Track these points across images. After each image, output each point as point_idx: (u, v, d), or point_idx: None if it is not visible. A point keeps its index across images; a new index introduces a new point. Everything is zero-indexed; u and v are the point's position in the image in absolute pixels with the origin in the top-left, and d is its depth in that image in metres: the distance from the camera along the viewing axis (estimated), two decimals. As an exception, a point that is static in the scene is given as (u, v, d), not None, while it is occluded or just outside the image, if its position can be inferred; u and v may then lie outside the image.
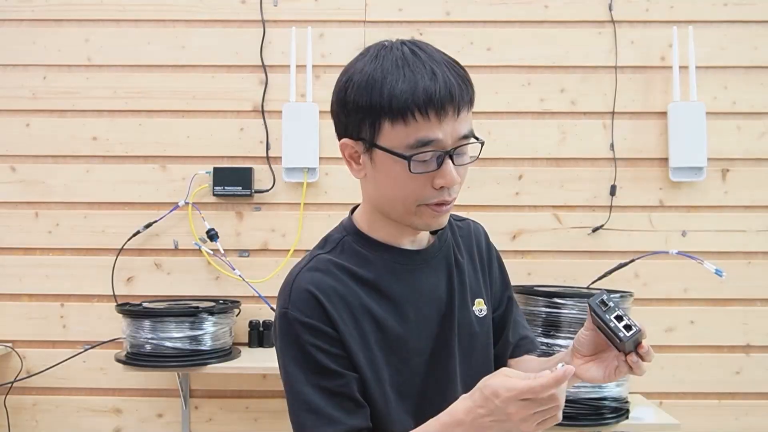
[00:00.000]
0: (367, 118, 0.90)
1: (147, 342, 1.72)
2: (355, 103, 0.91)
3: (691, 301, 1.94)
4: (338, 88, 0.95)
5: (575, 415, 1.61)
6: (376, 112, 0.89)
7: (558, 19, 1.98)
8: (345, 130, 0.94)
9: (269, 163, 1.96)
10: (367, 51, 0.95)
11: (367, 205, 0.99)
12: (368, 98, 0.89)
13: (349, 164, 0.95)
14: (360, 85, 0.91)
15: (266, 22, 1.98)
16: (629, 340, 0.86)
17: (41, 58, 2.00)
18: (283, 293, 0.96)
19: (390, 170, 0.91)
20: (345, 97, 0.93)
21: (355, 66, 0.94)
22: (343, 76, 0.95)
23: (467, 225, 1.11)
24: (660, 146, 1.95)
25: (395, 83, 0.88)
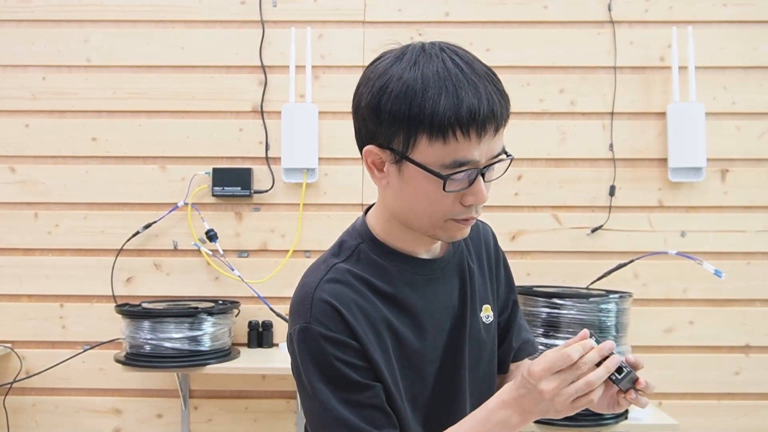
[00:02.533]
0: (402, 130, 0.86)
1: (146, 342, 1.72)
2: (391, 113, 0.86)
3: (691, 301, 1.94)
4: (370, 92, 0.89)
5: (574, 416, 1.59)
6: (414, 126, 0.85)
7: (557, 20, 1.98)
8: (372, 136, 0.90)
9: (268, 163, 1.97)
10: (403, 54, 0.89)
11: (385, 212, 0.95)
12: (407, 110, 0.85)
13: (371, 170, 0.91)
14: (399, 94, 0.85)
15: (265, 23, 1.98)
16: (622, 381, 0.86)
17: (41, 58, 2.00)
18: (301, 306, 0.91)
19: (420, 185, 0.87)
20: (379, 104, 0.87)
21: (390, 71, 0.87)
22: (377, 79, 0.88)
23: (476, 227, 1.07)
24: (659, 147, 1.95)
25: (437, 98, 0.84)
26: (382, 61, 0.91)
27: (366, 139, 0.91)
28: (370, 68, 0.91)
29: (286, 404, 1.96)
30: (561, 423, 1.61)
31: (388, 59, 0.90)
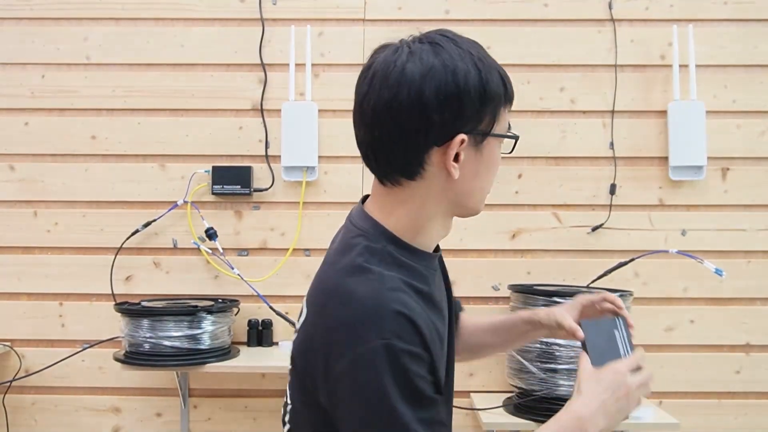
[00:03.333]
0: (493, 108, 0.91)
1: (146, 341, 1.72)
2: (493, 94, 0.90)
3: (691, 300, 1.94)
4: (467, 81, 0.88)
5: (574, 415, 1.60)
6: (502, 100, 0.92)
7: (557, 18, 1.97)
8: (465, 124, 0.89)
9: (268, 161, 1.96)
10: (435, 44, 0.90)
11: (416, 208, 0.92)
12: (501, 87, 0.92)
13: (451, 167, 0.89)
14: (492, 76, 0.91)
15: (265, 21, 1.98)
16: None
17: (40, 56, 2.00)
18: (372, 320, 0.81)
19: (493, 156, 0.94)
20: (486, 89, 0.90)
21: (449, 59, 0.89)
22: (446, 70, 0.88)
23: None
24: (660, 145, 1.95)
25: (500, 69, 0.93)
26: (436, 47, 0.90)
27: (454, 131, 0.89)
28: (423, 59, 0.89)
29: (286, 403, 1.95)
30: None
31: (438, 51, 0.90)
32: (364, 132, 0.95)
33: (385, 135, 0.91)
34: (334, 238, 1.02)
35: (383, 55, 0.92)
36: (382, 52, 0.93)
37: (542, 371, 1.62)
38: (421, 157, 0.90)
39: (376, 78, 0.91)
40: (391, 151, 0.91)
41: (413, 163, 0.90)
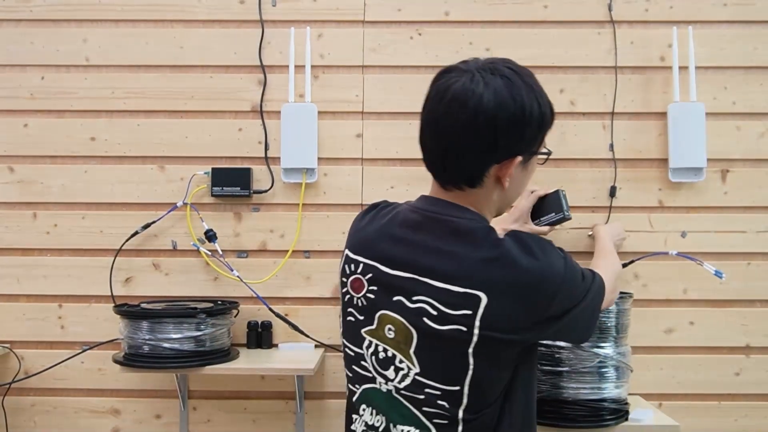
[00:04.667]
0: (543, 132, 1.16)
1: (145, 343, 1.71)
2: (546, 122, 1.15)
3: (691, 302, 1.94)
4: (533, 108, 1.11)
5: (574, 417, 1.60)
6: (549, 126, 1.17)
7: (557, 19, 1.97)
8: (524, 147, 1.13)
9: (268, 163, 1.96)
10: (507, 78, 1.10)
11: (488, 209, 1.18)
12: (548, 117, 1.16)
13: (505, 180, 1.14)
14: (547, 103, 1.15)
15: (265, 23, 1.98)
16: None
17: (39, 58, 2.00)
18: (549, 250, 1.14)
19: (533, 168, 1.20)
20: (547, 115, 1.15)
21: (518, 94, 1.10)
22: (515, 104, 1.09)
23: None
24: (659, 147, 1.95)
25: (548, 98, 1.16)
26: (507, 81, 1.10)
27: (514, 152, 1.12)
28: (498, 91, 1.09)
29: (285, 405, 1.95)
30: (561, 424, 1.61)
31: (509, 86, 1.10)
32: (437, 145, 1.15)
33: (458, 150, 1.11)
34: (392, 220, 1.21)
35: (461, 82, 1.10)
36: (453, 77, 1.12)
37: (542, 373, 1.62)
38: (484, 170, 1.12)
39: (455, 103, 1.10)
40: (460, 163, 1.12)
41: (477, 175, 1.13)
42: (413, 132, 1.95)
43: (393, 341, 1.13)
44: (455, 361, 1.08)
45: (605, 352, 1.61)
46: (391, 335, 1.14)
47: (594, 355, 1.61)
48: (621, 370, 1.64)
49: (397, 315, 1.12)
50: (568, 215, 1.71)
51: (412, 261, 1.12)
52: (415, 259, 1.12)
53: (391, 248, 1.15)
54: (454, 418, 1.10)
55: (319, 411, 1.96)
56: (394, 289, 1.13)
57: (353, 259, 1.21)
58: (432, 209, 1.16)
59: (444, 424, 1.11)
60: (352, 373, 1.23)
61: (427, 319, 1.09)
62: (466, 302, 1.06)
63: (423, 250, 1.12)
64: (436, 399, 1.10)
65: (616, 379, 1.63)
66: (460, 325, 1.07)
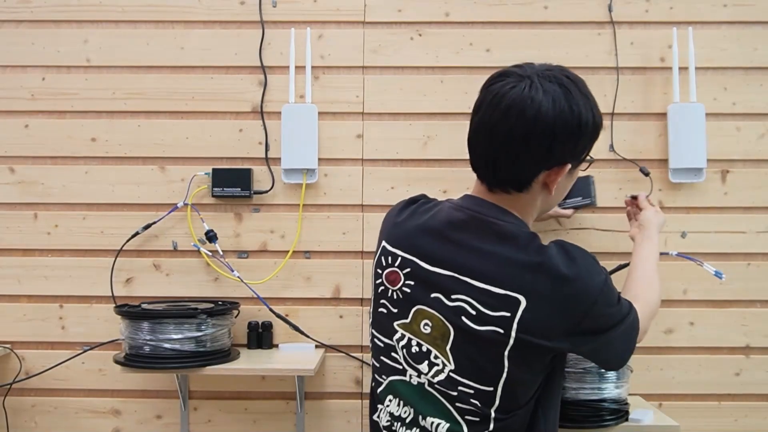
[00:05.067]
0: (593, 142, 1.20)
1: (146, 343, 1.72)
2: (599, 131, 1.20)
3: (691, 302, 1.94)
4: (588, 116, 1.15)
5: (574, 417, 1.60)
6: (598, 136, 1.21)
7: (557, 20, 1.98)
8: (581, 152, 1.18)
9: (268, 164, 1.96)
10: (565, 87, 1.13)
11: (523, 213, 1.19)
12: (600, 128, 1.20)
13: (552, 188, 1.17)
14: (598, 113, 1.19)
15: (265, 23, 1.98)
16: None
17: (40, 59, 2.00)
18: (592, 263, 1.15)
19: (576, 174, 1.24)
20: (599, 123, 1.19)
21: (575, 104, 1.13)
22: (572, 114, 1.12)
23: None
24: (659, 147, 1.95)
25: (598, 108, 1.20)
26: (566, 91, 1.13)
27: (566, 160, 1.15)
28: (557, 100, 1.11)
29: (286, 405, 1.96)
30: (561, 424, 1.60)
31: (567, 96, 1.13)
32: (490, 149, 1.15)
33: (512, 156, 1.12)
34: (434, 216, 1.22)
35: (517, 88, 1.11)
36: (510, 82, 1.12)
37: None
38: (534, 176, 1.15)
39: (513, 110, 1.10)
40: (511, 168, 1.14)
41: (526, 179, 1.15)
42: (414, 132, 1.97)
43: (429, 337, 1.15)
44: (491, 361, 1.10)
45: (605, 353, 1.62)
46: (426, 330, 1.15)
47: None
48: (621, 371, 1.64)
49: (434, 311, 1.14)
50: (593, 201, 1.80)
51: (452, 259, 1.13)
52: (456, 257, 1.13)
53: (431, 244, 1.16)
54: (486, 417, 1.12)
55: (319, 411, 1.96)
56: (433, 285, 1.14)
57: (391, 251, 1.21)
58: (477, 209, 1.17)
59: (475, 422, 1.12)
60: (380, 364, 1.24)
61: (466, 318, 1.10)
62: (506, 304, 1.08)
63: (465, 250, 1.13)
64: (469, 397, 1.12)
65: (616, 380, 1.63)
66: (497, 327, 1.08)
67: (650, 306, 1.36)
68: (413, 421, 1.17)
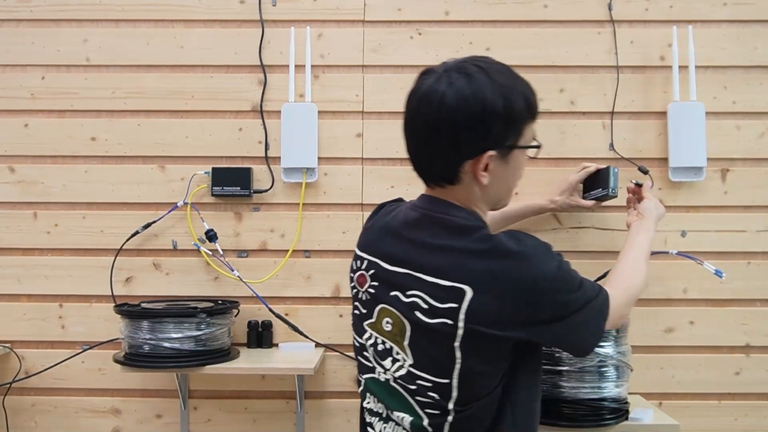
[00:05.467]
0: (519, 126, 1.14)
1: (145, 342, 1.72)
2: (519, 115, 1.13)
3: (691, 301, 1.94)
4: (496, 105, 1.10)
5: (574, 416, 1.60)
6: (523, 119, 1.15)
7: (557, 19, 1.97)
8: (495, 142, 1.12)
9: (268, 163, 1.96)
10: (469, 75, 1.11)
11: (474, 202, 1.19)
12: (526, 108, 1.14)
13: (481, 176, 1.14)
14: (519, 98, 1.13)
15: (265, 22, 1.98)
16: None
17: (40, 58, 2.00)
18: (544, 251, 1.14)
19: (520, 163, 1.19)
20: (512, 111, 1.12)
21: (479, 90, 1.10)
22: (493, 94, 1.10)
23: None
24: (659, 146, 1.95)
25: (530, 92, 1.16)
26: (469, 79, 1.11)
27: (483, 148, 1.12)
28: (459, 89, 1.10)
29: (286, 404, 1.96)
30: (561, 423, 1.61)
31: (471, 83, 1.11)
32: (412, 146, 1.19)
33: (428, 149, 1.15)
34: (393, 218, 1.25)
35: (428, 82, 1.13)
36: (428, 77, 1.14)
37: (544, 373, 1.61)
38: (456, 167, 1.14)
39: (422, 104, 1.13)
40: (433, 161, 1.16)
41: (451, 171, 1.15)
42: (413, 132, 1.97)
43: (390, 334, 1.19)
44: (443, 354, 1.11)
45: (605, 352, 1.62)
46: (388, 328, 1.19)
47: (594, 354, 1.61)
48: (621, 370, 1.64)
49: (393, 309, 1.17)
50: (613, 192, 1.74)
51: (407, 257, 1.16)
52: (410, 255, 1.16)
53: (391, 245, 1.20)
54: (445, 409, 1.13)
55: (319, 411, 1.96)
56: (392, 284, 1.17)
57: (359, 255, 1.27)
58: (429, 207, 1.20)
59: (435, 414, 1.14)
60: (359, 364, 1.29)
61: (419, 313, 1.13)
62: (452, 296, 1.09)
63: (418, 247, 1.16)
64: (427, 390, 1.14)
65: (616, 379, 1.63)
66: (446, 319, 1.10)
67: (630, 291, 1.35)
68: (387, 416, 1.22)
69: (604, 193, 1.76)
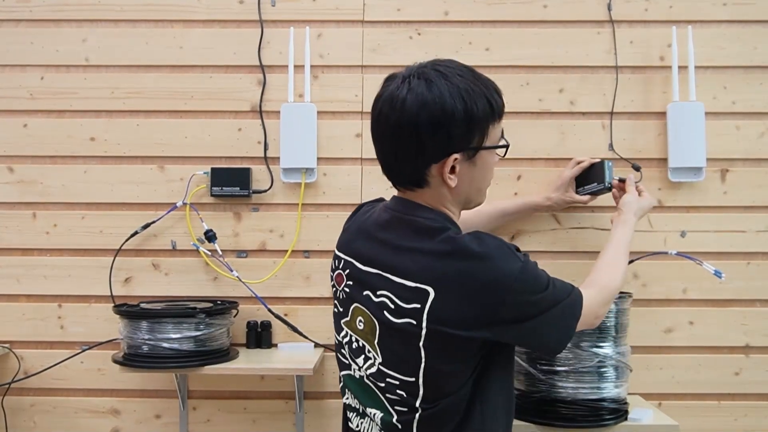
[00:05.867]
0: (482, 127, 1.14)
1: (144, 343, 1.71)
2: (480, 118, 1.13)
3: (691, 301, 1.93)
4: (456, 109, 1.10)
5: (573, 417, 1.60)
6: (490, 120, 1.15)
7: (557, 19, 1.97)
8: (459, 146, 1.13)
9: (267, 163, 1.96)
10: (429, 80, 1.12)
11: (446, 206, 1.20)
12: (489, 110, 1.13)
13: (448, 178, 1.14)
14: (474, 99, 1.12)
15: (264, 23, 1.98)
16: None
17: (39, 58, 2.00)
18: (507, 252, 1.12)
19: (487, 164, 1.19)
20: (472, 114, 1.12)
21: (439, 94, 1.10)
22: (453, 98, 1.11)
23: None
24: (659, 146, 1.95)
25: (494, 95, 1.15)
26: (429, 84, 1.12)
27: (445, 152, 1.13)
28: (419, 94, 1.11)
29: (285, 405, 1.95)
30: (560, 423, 1.61)
31: (431, 88, 1.11)
32: (378, 151, 1.20)
33: (393, 154, 1.17)
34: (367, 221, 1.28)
35: (391, 88, 1.14)
36: (391, 83, 1.16)
37: (542, 373, 1.61)
38: (422, 171, 1.15)
39: (384, 109, 1.14)
40: (399, 165, 1.18)
41: (417, 175, 1.16)
42: (413, 132, 1.97)
43: (362, 332, 1.21)
44: (409, 353, 1.13)
45: (604, 352, 1.61)
46: (360, 326, 1.21)
47: (593, 354, 1.61)
48: (620, 370, 1.64)
49: (365, 308, 1.20)
50: (608, 186, 1.74)
51: (378, 258, 1.18)
52: (381, 256, 1.18)
53: (364, 245, 1.23)
54: (412, 407, 1.15)
55: (318, 411, 1.96)
56: (364, 284, 1.20)
57: (337, 255, 1.30)
58: (399, 209, 1.22)
59: (403, 411, 1.17)
60: (338, 361, 1.33)
61: (387, 313, 1.15)
62: (417, 296, 1.11)
63: (389, 248, 1.18)
64: (395, 388, 1.16)
65: (615, 379, 1.63)
66: (411, 319, 1.12)
67: (606, 291, 1.36)
68: (362, 412, 1.25)
69: (600, 188, 1.77)
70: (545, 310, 1.14)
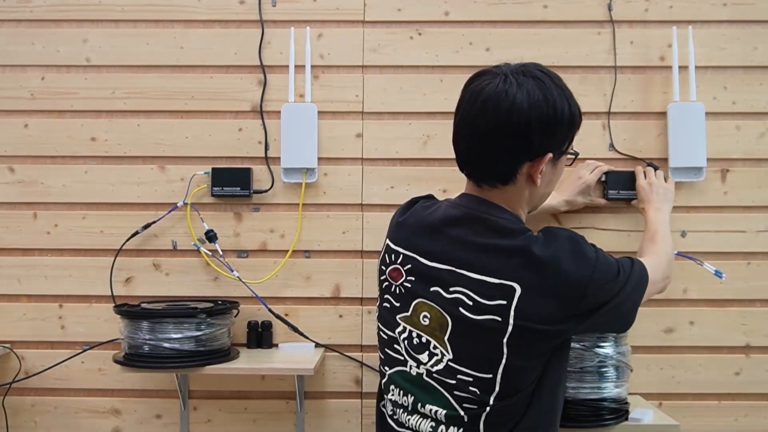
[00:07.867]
0: (572, 132, 1.23)
1: (145, 343, 1.71)
2: (578, 120, 1.23)
3: (691, 301, 1.94)
4: (564, 109, 1.18)
5: (574, 417, 1.60)
6: (577, 126, 1.23)
7: (557, 19, 1.97)
8: (554, 145, 1.19)
9: (268, 163, 1.96)
10: (538, 79, 1.17)
11: (521, 206, 1.26)
12: (577, 117, 1.22)
13: (537, 177, 1.20)
14: (574, 103, 1.21)
15: (265, 23, 1.98)
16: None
17: (39, 58, 2.00)
18: (582, 246, 1.18)
19: (561, 167, 1.27)
20: (575, 116, 1.21)
21: (550, 94, 1.17)
22: (561, 99, 1.18)
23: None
24: (659, 146, 1.95)
25: (576, 100, 1.23)
26: (539, 83, 1.17)
27: (545, 150, 1.18)
28: (530, 91, 1.16)
29: (286, 405, 1.95)
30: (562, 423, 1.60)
31: (541, 87, 1.17)
32: (472, 145, 1.21)
33: (493, 149, 1.18)
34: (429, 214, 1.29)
35: (492, 84, 1.17)
36: (486, 80, 1.19)
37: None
38: (516, 168, 1.19)
39: (489, 104, 1.16)
40: (494, 161, 1.19)
41: (510, 172, 1.20)
42: (413, 132, 1.97)
43: (428, 328, 1.20)
44: (489, 349, 1.14)
45: (605, 352, 1.62)
46: (425, 322, 1.21)
47: (594, 354, 1.61)
48: (621, 370, 1.64)
49: (433, 304, 1.19)
50: (633, 194, 1.86)
51: (449, 254, 1.19)
52: (452, 252, 1.19)
53: (430, 242, 1.22)
54: (484, 404, 1.15)
55: (319, 411, 1.96)
56: (433, 279, 1.20)
57: (394, 249, 1.29)
58: (473, 206, 1.23)
59: (472, 409, 1.16)
60: (385, 356, 1.31)
61: (463, 309, 1.15)
62: (501, 293, 1.12)
63: (460, 244, 1.18)
64: (468, 385, 1.16)
65: (615, 379, 1.63)
66: (495, 315, 1.12)
67: (661, 255, 1.51)
68: (413, 409, 1.23)
69: (634, 195, 1.87)
70: (618, 292, 1.20)
